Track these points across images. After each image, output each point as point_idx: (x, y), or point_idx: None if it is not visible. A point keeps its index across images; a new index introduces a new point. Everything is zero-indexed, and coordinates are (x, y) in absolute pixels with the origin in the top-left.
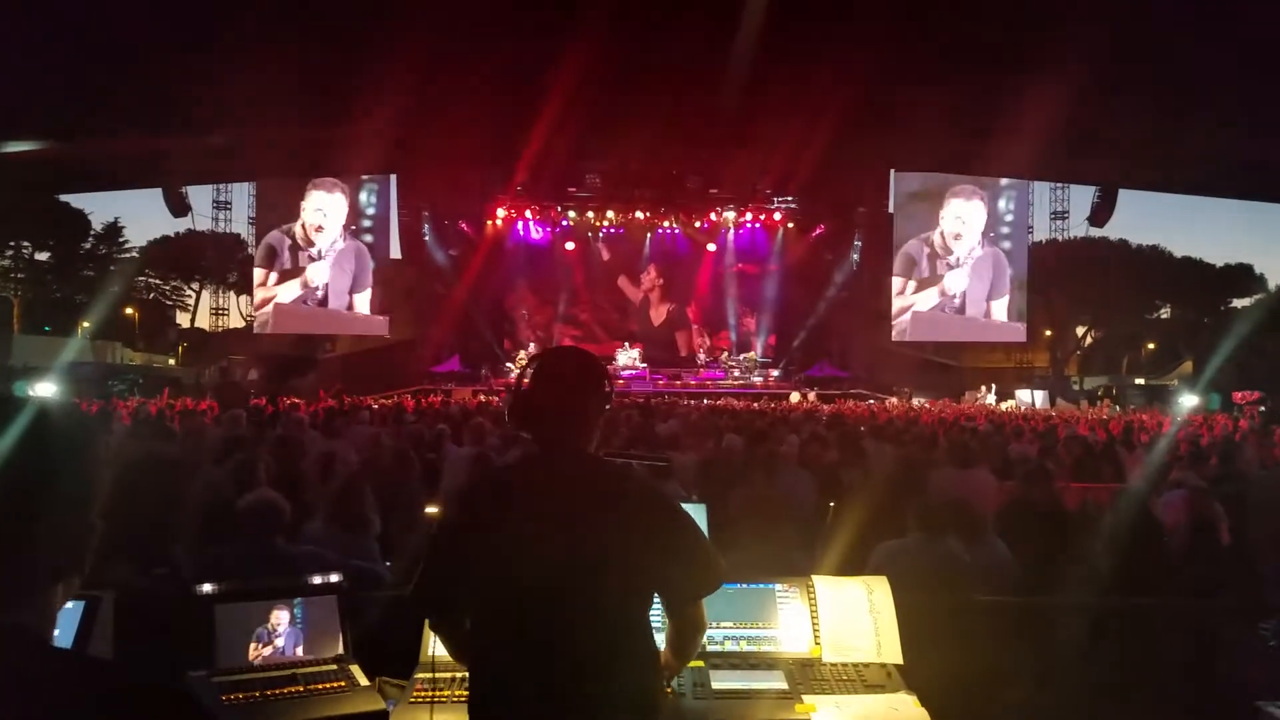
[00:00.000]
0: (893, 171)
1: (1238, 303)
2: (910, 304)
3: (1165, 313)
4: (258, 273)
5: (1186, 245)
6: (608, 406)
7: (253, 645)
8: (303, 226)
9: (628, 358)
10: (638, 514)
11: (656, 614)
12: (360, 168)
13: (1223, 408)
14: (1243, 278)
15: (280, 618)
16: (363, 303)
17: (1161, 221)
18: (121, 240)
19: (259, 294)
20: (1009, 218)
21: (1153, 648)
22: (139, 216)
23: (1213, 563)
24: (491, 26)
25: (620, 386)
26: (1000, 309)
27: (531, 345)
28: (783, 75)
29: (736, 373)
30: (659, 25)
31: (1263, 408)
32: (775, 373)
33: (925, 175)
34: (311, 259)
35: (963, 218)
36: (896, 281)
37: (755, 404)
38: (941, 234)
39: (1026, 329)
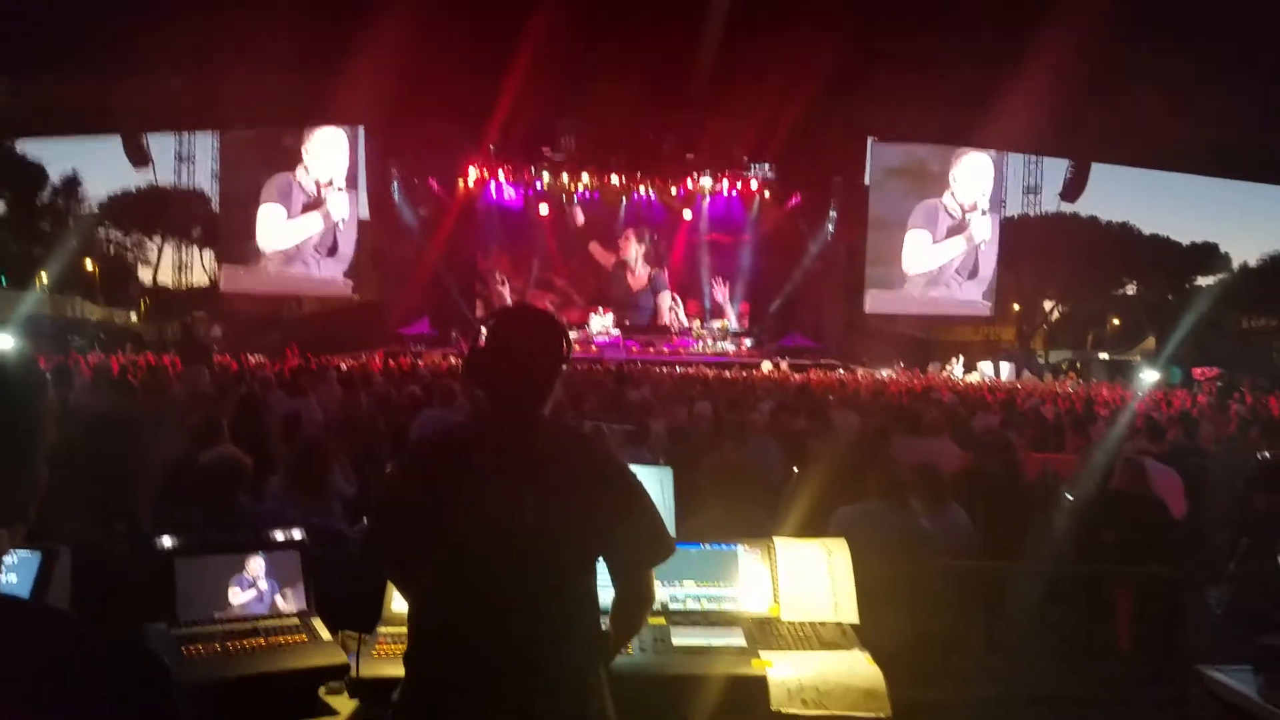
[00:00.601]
0: (870, 143)
1: (1202, 281)
2: (933, 255)
3: (1131, 289)
4: (268, 209)
5: (1155, 223)
6: (564, 366)
7: (216, 597)
8: (305, 169)
9: (601, 324)
10: (586, 477)
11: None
12: (331, 120)
13: (1184, 383)
14: (1208, 256)
15: (257, 565)
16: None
17: (1132, 199)
18: (80, 192)
19: (282, 231)
20: (978, 191)
21: (1103, 613)
22: (98, 169)
23: (1133, 530)
24: None
25: (593, 353)
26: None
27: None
28: (759, 40)
29: (709, 341)
30: None
31: (1220, 383)
32: (748, 342)
33: (905, 150)
34: (329, 195)
35: (978, 172)
36: (916, 234)
37: (727, 373)
38: (953, 194)
39: (994, 303)
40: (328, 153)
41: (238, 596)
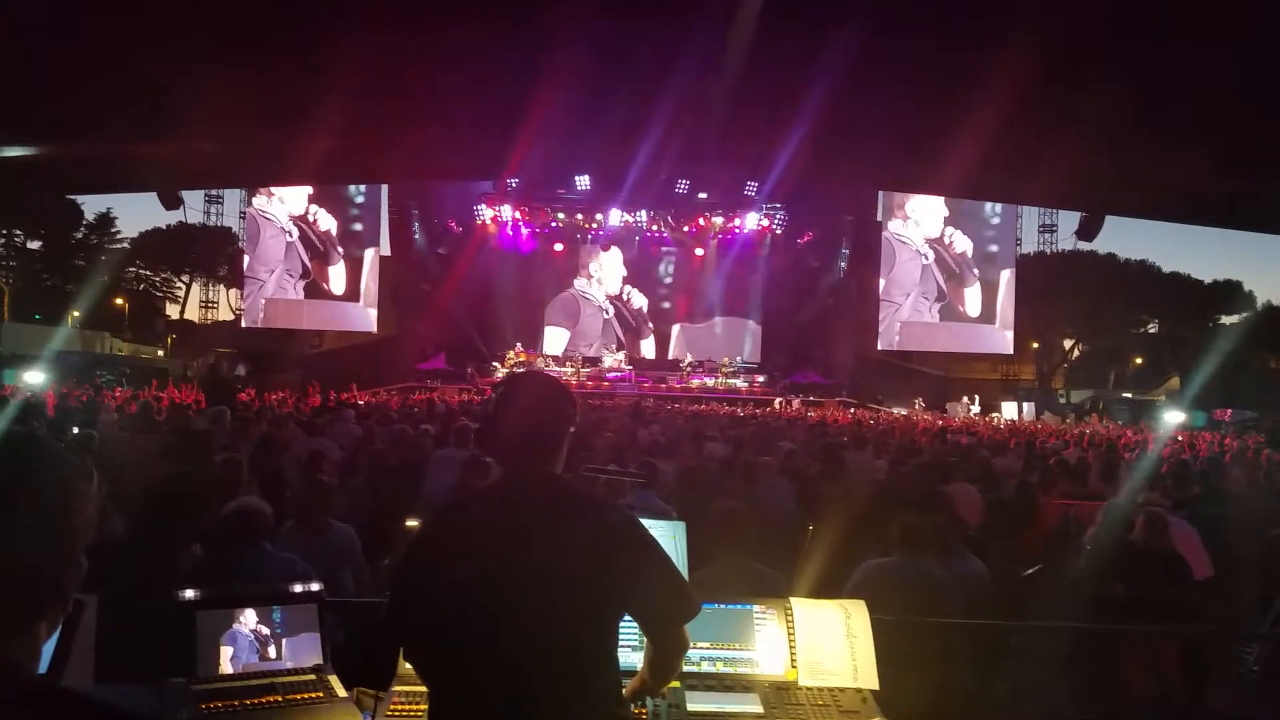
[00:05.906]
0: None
1: (1225, 320)
2: (935, 308)
3: (1153, 327)
4: (279, 271)
5: (1175, 260)
6: (572, 428)
7: (235, 651)
8: (307, 219)
9: (613, 360)
10: (599, 538)
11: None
12: (351, 179)
13: (1208, 425)
14: (1231, 294)
15: (276, 619)
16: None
17: (1150, 238)
18: (113, 230)
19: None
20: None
21: (1128, 671)
22: (130, 206)
23: (1146, 586)
24: (471, 23)
25: (605, 388)
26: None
27: (519, 345)
28: (767, 87)
29: (722, 378)
30: (641, 33)
31: (1260, 432)
32: (760, 378)
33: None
34: (322, 247)
35: (975, 221)
36: (921, 287)
37: (740, 410)
38: (944, 239)
39: (1014, 340)
40: (338, 201)
41: (256, 651)
